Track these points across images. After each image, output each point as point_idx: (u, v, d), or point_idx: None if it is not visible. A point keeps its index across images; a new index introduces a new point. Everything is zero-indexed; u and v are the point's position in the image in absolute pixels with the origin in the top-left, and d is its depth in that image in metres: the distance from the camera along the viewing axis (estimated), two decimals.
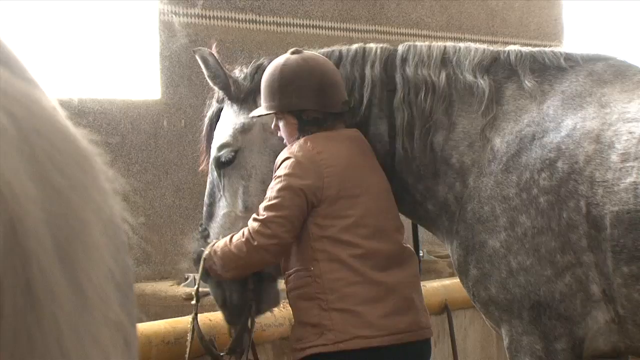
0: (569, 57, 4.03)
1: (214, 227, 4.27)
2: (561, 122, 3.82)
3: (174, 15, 7.84)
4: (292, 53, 4.05)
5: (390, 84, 4.12)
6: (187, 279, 7.21)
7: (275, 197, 3.86)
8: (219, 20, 4.44)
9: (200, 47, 4.35)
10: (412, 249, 4.22)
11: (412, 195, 4.16)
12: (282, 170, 3.89)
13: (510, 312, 3.83)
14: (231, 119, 4.33)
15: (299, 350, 3.94)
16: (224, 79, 4.29)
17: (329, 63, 4.08)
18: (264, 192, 4.03)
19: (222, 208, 4.28)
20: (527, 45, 4.26)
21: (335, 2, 8.97)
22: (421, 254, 8.52)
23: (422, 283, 6.27)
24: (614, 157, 3.63)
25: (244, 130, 4.27)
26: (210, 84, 4.35)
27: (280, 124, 4.04)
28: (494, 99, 3.98)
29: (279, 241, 3.87)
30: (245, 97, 4.31)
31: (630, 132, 3.65)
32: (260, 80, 4.20)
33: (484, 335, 6.30)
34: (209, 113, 4.45)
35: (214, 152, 4.32)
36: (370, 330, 3.86)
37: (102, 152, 1.00)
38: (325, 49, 4.30)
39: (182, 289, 7.05)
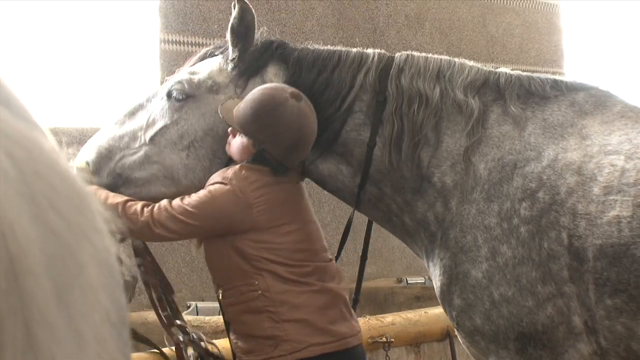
0: (554, 86, 4.00)
1: (122, 129, 4.22)
2: (542, 152, 3.80)
3: (174, 44, 7.88)
4: (293, 96, 3.93)
5: (381, 94, 4.04)
6: (188, 307, 7.21)
7: (194, 206, 3.89)
8: None
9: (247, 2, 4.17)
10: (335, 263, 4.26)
11: (388, 205, 4.12)
12: (213, 189, 3.92)
13: (497, 343, 3.81)
14: (215, 69, 4.21)
15: None
16: (232, 41, 4.14)
17: (314, 124, 3.98)
18: (175, 145, 4.08)
19: (140, 119, 4.21)
20: (527, 71, 4.25)
21: (336, 29, 9.01)
22: (422, 281, 8.56)
23: (424, 310, 6.28)
24: (596, 190, 3.63)
25: (211, 88, 4.15)
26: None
27: (240, 140, 3.99)
28: (480, 121, 3.94)
29: (177, 238, 4.11)
30: (241, 72, 4.16)
31: (613, 165, 3.65)
32: (263, 64, 4.14)
33: None
34: (212, 47, 4.33)
35: (175, 78, 4.21)
36: (323, 337, 3.95)
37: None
38: (328, 49, 4.23)
39: (184, 317, 7.03)
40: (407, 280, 8.78)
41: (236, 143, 3.99)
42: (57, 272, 0.88)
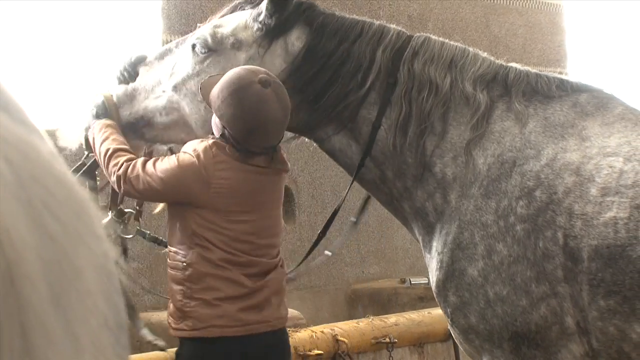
0: (560, 85, 4.00)
1: (150, 72, 4.33)
2: (541, 151, 3.81)
3: None
4: (260, 81, 3.95)
5: (392, 76, 4.04)
6: None
7: (162, 172, 4.00)
8: None
9: None
10: (282, 260, 4.29)
11: (389, 189, 4.12)
12: (181, 159, 4.01)
13: (491, 342, 3.80)
14: (240, 25, 4.21)
15: (169, 328, 4.17)
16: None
17: (278, 113, 3.98)
18: (194, 96, 4.15)
19: (166, 65, 4.30)
20: None
21: None
22: (425, 281, 8.55)
23: (428, 310, 6.28)
24: (594, 191, 3.63)
25: (233, 45, 4.18)
26: None
27: (214, 118, 4.07)
28: (485, 116, 3.94)
29: (140, 198, 4.26)
30: (266, 32, 4.15)
31: (611, 167, 3.66)
32: (289, 27, 4.14)
33: None
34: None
35: (202, 29, 4.24)
36: (224, 321, 4.05)
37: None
38: (352, 18, 4.22)
39: None
40: (410, 281, 8.77)
41: (213, 118, 4.08)
42: (54, 277, 0.88)
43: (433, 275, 3.99)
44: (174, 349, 4.59)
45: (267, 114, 3.98)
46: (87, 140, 4.27)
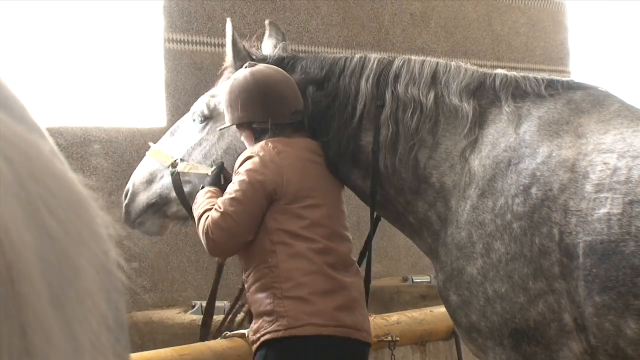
0: (550, 85, 4.06)
1: (163, 149, 4.61)
2: (537, 149, 3.84)
3: (178, 43, 7.87)
4: (246, 66, 4.18)
5: (380, 99, 4.17)
6: (194, 306, 7.21)
7: (235, 191, 4.00)
8: (223, 48, 4.49)
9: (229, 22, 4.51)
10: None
11: (395, 206, 4.22)
12: (244, 167, 4.04)
13: (493, 340, 3.84)
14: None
15: (255, 341, 4.06)
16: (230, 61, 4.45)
17: (278, 75, 4.17)
18: (199, 165, 4.37)
19: (175, 139, 4.59)
20: (533, 70, 4.27)
21: (341, 28, 8.99)
22: (428, 279, 8.55)
23: (430, 308, 6.28)
24: (588, 187, 3.66)
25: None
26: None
27: (242, 136, 4.21)
28: (477, 123, 4.01)
29: (236, 230, 3.99)
30: None
31: (605, 163, 3.68)
32: None
33: None
34: (231, 71, 4.49)
35: (199, 100, 4.57)
36: (322, 319, 3.98)
37: (101, 196, 1.01)
38: (334, 57, 4.38)
39: (189, 317, 7.05)
40: (412, 279, 8.78)
41: (244, 141, 4.21)
42: (53, 276, 0.87)
43: (437, 277, 4.04)
44: (178, 347, 4.59)
45: (268, 79, 4.12)
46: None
